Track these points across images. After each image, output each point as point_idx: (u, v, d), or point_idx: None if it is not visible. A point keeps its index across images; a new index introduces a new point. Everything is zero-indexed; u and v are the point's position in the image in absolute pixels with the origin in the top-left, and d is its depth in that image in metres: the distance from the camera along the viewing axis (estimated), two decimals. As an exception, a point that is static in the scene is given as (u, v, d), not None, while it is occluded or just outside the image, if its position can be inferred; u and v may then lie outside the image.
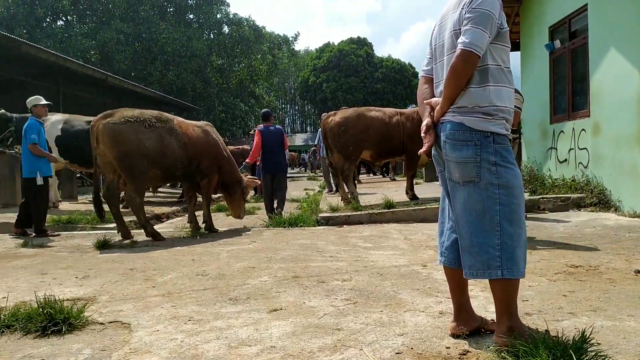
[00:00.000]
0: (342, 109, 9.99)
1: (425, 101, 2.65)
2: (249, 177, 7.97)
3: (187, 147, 6.87)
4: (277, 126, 9.05)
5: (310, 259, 4.94)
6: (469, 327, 2.62)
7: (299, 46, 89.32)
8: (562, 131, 9.28)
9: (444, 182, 2.65)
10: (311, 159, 38.04)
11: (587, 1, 8.29)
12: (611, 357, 2.21)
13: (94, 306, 3.39)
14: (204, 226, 7.34)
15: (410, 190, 9.09)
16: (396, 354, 2.44)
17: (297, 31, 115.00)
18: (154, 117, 6.68)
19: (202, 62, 37.46)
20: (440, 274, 4.00)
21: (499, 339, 2.41)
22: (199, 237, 6.74)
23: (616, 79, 7.48)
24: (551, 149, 9.76)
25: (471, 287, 3.00)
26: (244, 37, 39.80)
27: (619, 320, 2.82)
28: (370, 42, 58.66)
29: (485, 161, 2.39)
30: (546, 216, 7.34)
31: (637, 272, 3.88)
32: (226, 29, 40.96)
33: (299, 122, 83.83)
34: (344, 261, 4.76)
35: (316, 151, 15.48)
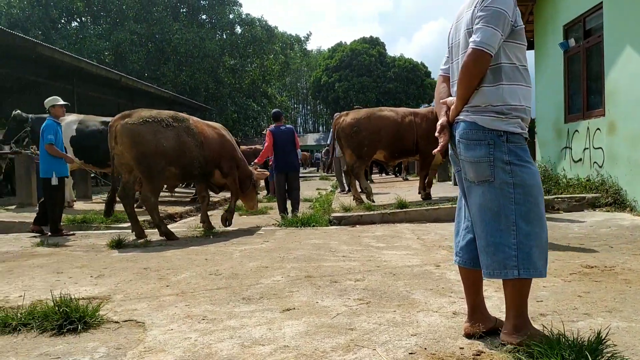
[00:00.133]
0: (355, 108, 9.97)
1: (441, 100, 2.65)
2: (258, 170, 8.24)
3: (203, 146, 6.94)
4: (288, 125, 9.07)
5: (322, 258, 4.94)
6: (484, 327, 2.61)
7: (311, 46, 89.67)
8: (576, 130, 9.18)
9: (460, 181, 2.65)
10: (324, 158, 38.03)
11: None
12: (627, 359, 2.18)
13: (108, 305, 3.42)
14: (222, 216, 7.64)
15: (422, 190, 9.07)
16: (409, 354, 2.43)
17: (309, 31, 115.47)
18: (170, 116, 6.75)
19: (214, 63, 37.68)
20: (453, 274, 3.99)
21: (504, 336, 2.41)
22: (211, 237, 6.77)
23: (632, 77, 7.38)
24: (566, 148, 9.66)
25: (485, 288, 2.98)
26: (256, 37, 39.93)
27: (635, 321, 2.78)
28: (382, 42, 58.54)
29: (498, 160, 2.38)
30: (561, 216, 7.26)
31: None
32: (239, 29, 41.10)
33: (311, 121, 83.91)
34: (357, 261, 4.76)
35: (329, 150, 15.50)
